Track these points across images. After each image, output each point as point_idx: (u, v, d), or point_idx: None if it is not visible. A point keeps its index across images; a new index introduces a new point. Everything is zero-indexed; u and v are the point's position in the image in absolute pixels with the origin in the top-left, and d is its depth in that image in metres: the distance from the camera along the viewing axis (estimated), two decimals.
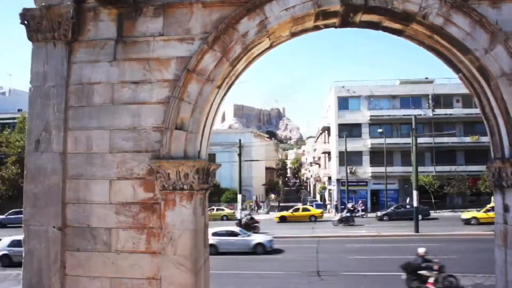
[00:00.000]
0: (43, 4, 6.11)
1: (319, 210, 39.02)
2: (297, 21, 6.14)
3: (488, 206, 30.27)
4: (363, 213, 37.76)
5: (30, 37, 6.21)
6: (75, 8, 6.11)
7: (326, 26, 6.66)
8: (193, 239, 5.71)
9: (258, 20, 5.91)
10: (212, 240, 19.56)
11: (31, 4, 6.29)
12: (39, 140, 6.03)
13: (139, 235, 5.79)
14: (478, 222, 28.93)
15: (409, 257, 13.43)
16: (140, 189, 5.83)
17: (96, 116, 6.02)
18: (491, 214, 25.03)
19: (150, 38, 6.06)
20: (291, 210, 38.77)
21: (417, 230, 25.96)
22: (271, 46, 6.63)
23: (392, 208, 35.96)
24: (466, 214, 31.14)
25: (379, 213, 36.05)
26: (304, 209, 39.12)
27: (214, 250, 19.94)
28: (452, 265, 16.59)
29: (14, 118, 42.96)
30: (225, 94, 6.66)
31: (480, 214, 29.91)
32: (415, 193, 25.55)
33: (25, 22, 6.19)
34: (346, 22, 6.53)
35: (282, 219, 36.90)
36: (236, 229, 23.29)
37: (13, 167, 37.54)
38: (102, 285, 5.79)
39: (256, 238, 21.92)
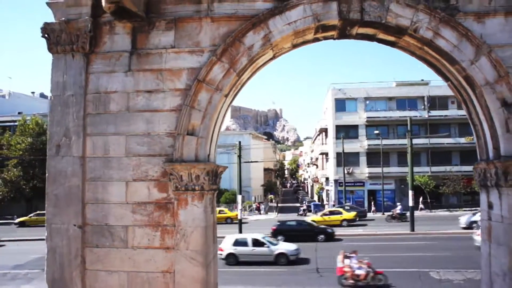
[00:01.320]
0: (63, 19, 6.58)
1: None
2: (299, 34, 6.65)
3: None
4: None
5: (50, 49, 6.69)
6: (92, 22, 6.59)
7: (325, 38, 7.18)
8: (204, 235, 6.20)
9: (262, 34, 6.42)
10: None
11: (46, 17, 6.76)
12: (60, 145, 6.51)
13: (154, 232, 6.27)
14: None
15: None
16: (155, 189, 6.32)
17: (112, 122, 6.50)
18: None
19: (162, 50, 6.55)
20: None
21: (412, 229, 26.55)
22: (274, 57, 7.14)
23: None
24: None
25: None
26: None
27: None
28: (445, 261, 17.22)
29: (14, 121, 43.30)
30: (231, 102, 7.17)
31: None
32: (410, 193, 26.12)
33: (46, 35, 6.67)
34: (343, 34, 7.05)
35: None
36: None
37: (14, 169, 37.88)
38: (120, 278, 6.27)
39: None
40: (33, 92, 62.36)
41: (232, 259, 19.09)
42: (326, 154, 50.40)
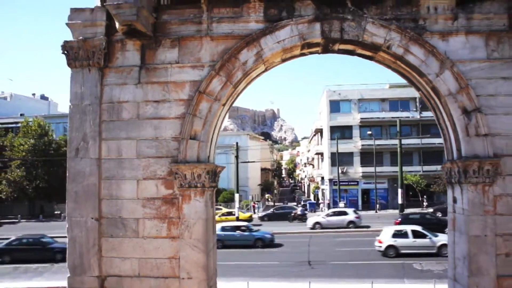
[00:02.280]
0: (80, 37, 7.51)
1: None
2: (287, 51, 7.62)
3: None
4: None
5: (69, 64, 7.62)
6: (106, 40, 7.52)
7: (311, 53, 8.15)
8: (205, 226, 7.16)
9: (255, 51, 7.38)
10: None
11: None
12: (78, 149, 7.44)
13: (161, 224, 7.22)
14: None
15: None
16: (162, 187, 7.27)
17: (124, 128, 7.44)
18: None
19: (168, 65, 7.50)
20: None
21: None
22: (265, 70, 8.10)
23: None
24: None
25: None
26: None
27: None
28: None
29: (16, 123, 44.14)
30: (228, 109, 8.13)
31: None
32: (400, 191, 27.23)
33: (65, 52, 7.60)
34: (326, 50, 8.02)
35: None
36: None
37: (18, 170, 38.70)
38: (132, 264, 7.22)
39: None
40: (33, 94, 63.21)
41: (392, 251, 18.97)
42: (322, 154, 51.47)
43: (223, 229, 23.61)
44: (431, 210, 34.43)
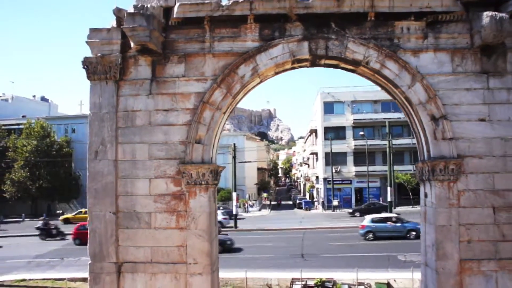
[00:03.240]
0: (99, 54, 8.59)
1: None
2: (279, 66, 8.73)
3: None
4: None
5: (88, 77, 8.69)
6: (121, 57, 8.60)
7: (300, 67, 9.27)
8: (208, 218, 8.27)
9: (251, 66, 8.49)
10: None
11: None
12: (98, 151, 8.52)
13: (171, 216, 8.32)
14: None
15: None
16: (171, 184, 8.37)
17: (138, 134, 8.53)
18: None
19: (175, 78, 8.59)
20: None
21: None
22: (260, 82, 9.21)
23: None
24: None
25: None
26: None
27: None
28: (409, 246, 19.48)
29: (18, 124, 45.04)
30: (228, 117, 9.23)
31: None
32: (389, 189, 28.51)
33: (85, 66, 8.67)
34: (314, 64, 9.15)
35: None
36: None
37: (22, 171, 39.66)
38: (145, 251, 8.32)
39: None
40: (34, 96, 63.92)
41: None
42: (316, 154, 52.72)
43: (372, 220, 24.19)
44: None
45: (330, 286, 13.70)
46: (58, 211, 40.96)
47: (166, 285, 8.23)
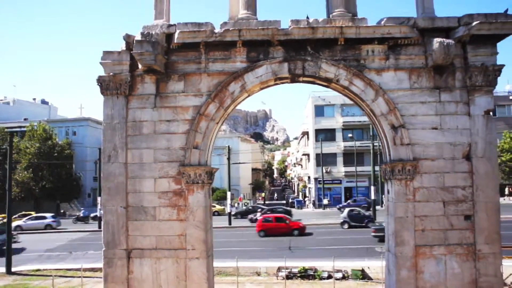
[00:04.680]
0: (111, 73, 10.12)
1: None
2: (263, 83, 10.29)
3: None
4: None
5: (102, 93, 10.21)
6: (130, 75, 10.14)
7: (282, 83, 10.85)
8: (204, 211, 9.83)
9: (240, 84, 10.06)
10: None
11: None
12: (110, 156, 10.05)
13: (172, 210, 9.87)
14: None
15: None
16: (173, 183, 9.92)
17: (145, 140, 10.07)
18: None
19: (176, 94, 10.14)
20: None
21: None
22: (248, 96, 10.76)
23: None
24: None
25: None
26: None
27: None
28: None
29: (20, 127, 46.37)
30: (221, 125, 10.81)
31: None
32: (372, 188, 30.29)
33: (99, 84, 10.20)
34: (293, 81, 10.72)
35: None
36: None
37: (25, 172, 41.04)
38: (151, 240, 9.86)
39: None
40: (34, 99, 65.03)
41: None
42: (308, 155, 54.50)
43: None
44: None
45: (312, 273, 15.60)
46: (60, 211, 42.42)
47: (168, 267, 9.78)
